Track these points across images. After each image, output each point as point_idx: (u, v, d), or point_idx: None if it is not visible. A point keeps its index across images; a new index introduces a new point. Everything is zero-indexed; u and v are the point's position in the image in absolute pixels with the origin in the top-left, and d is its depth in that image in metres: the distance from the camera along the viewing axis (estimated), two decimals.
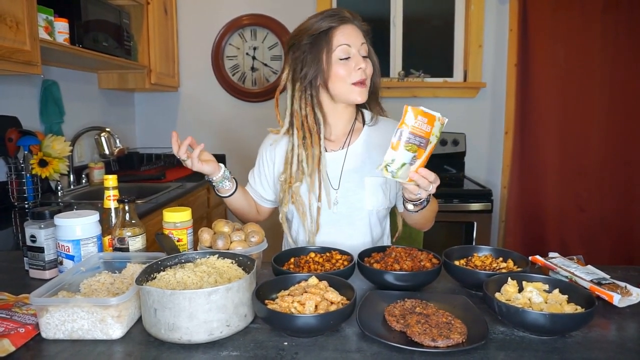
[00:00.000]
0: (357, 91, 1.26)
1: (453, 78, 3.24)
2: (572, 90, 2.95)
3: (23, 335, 0.79)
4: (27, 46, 1.70)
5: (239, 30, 3.23)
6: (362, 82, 1.26)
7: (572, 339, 0.81)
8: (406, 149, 0.97)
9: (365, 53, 1.27)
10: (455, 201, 2.62)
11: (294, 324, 0.79)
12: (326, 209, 1.33)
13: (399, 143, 0.97)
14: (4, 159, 2.00)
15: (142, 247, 1.13)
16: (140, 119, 3.39)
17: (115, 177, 1.18)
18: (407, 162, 0.98)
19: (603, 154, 2.98)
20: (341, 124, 1.36)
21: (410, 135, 0.96)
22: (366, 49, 1.28)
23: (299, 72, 1.28)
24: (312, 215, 1.32)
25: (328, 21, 1.25)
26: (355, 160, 1.34)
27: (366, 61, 1.27)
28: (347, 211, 1.32)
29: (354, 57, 1.25)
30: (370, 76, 1.29)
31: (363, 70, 1.25)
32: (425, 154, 0.99)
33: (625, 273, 1.13)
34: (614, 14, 2.85)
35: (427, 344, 0.76)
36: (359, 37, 1.27)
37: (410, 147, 0.97)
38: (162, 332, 0.78)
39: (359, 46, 1.26)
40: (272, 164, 1.39)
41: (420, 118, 0.96)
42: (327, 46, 1.25)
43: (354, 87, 1.26)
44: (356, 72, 1.24)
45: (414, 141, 0.97)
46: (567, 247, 3.01)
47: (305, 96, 1.31)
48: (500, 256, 1.11)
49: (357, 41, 1.26)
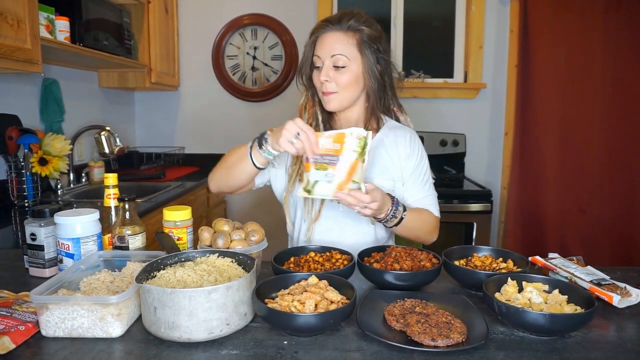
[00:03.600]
0: (326, 100, 1.28)
1: (453, 79, 3.24)
2: (573, 91, 2.95)
3: (23, 333, 0.79)
4: (28, 44, 1.70)
5: (240, 29, 3.23)
6: (330, 93, 1.26)
7: (571, 339, 0.81)
8: (316, 168, 1.06)
9: (339, 63, 1.24)
10: (455, 202, 2.62)
11: (294, 322, 0.79)
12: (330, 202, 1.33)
13: (308, 165, 1.07)
14: (4, 157, 2.00)
15: (142, 245, 1.13)
16: (141, 118, 3.39)
17: (115, 175, 1.18)
18: (320, 179, 1.06)
19: (603, 155, 2.98)
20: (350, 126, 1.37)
21: (317, 156, 1.05)
22: (339, 59, 1.23)
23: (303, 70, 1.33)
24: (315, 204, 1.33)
25: (316, 27, 1.28)
26: None
27: (339, 72, 1.24)
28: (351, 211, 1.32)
29: (322, 68, 1.26)
30: (346, 86, 1.25)
31: (324, 82, 1.25)
32: (344, 169, 1.04)
33: (625, 274, 1.13)
34: (614, 15, 2.85)
35: (427, 344, 0.76)
36: (332, 47, 1.24)
37: (320, 166, 1.06)
38: (162, 331, 0.78)
39: (328, 57, 1.24)
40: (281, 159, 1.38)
41: (324, 140, 1.05)
42: (309, 54, 1.30)
43: (324, 96, 1.28)
44: (323, 83, 1.26)
45: (322, 160, 1.05)
46: (567, 248, 3.01)
47: (308, 96, 1.35)
48: (500, 256, 1.11)
49: (327, 54, 1.24)
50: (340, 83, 1.25)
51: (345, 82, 1.25)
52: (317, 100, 1.35)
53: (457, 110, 3.19)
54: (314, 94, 1.34)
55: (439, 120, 3.20)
